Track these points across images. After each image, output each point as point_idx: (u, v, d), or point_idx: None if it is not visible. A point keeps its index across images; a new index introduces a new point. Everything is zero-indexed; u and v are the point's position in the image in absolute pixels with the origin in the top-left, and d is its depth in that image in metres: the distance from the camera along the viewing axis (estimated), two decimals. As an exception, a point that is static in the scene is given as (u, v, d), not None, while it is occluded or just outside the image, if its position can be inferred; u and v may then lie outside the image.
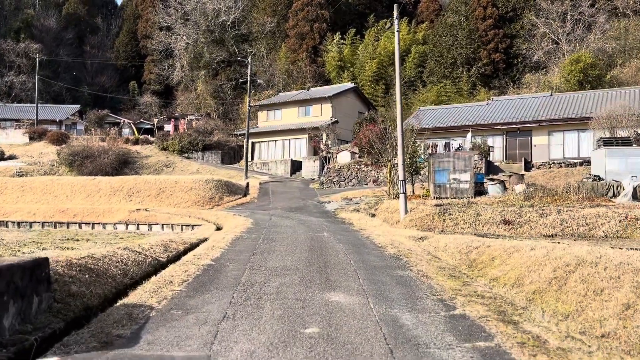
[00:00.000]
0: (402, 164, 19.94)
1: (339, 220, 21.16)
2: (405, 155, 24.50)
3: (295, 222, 19.58)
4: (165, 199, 29.02)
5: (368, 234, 15.99)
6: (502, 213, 19.06)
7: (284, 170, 44.93)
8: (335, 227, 18.13)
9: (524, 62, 53.60)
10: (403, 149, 20.10)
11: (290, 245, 12.78)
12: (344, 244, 13.34)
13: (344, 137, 44.37)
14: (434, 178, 23.91)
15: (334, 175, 36.17)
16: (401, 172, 19.95)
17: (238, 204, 28.70)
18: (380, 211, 22.49)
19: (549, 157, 35.78)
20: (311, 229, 17.00)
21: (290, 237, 14.65)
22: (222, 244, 12.74)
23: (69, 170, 47.87)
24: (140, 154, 49.20)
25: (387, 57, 57.62)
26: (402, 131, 20.25)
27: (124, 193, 29.93)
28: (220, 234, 15.14)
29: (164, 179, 30.49)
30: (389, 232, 16.63)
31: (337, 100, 47.12)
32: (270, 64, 62.39)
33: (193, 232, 16.27)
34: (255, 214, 23.27)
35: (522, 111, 38.54)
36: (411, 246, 13.63)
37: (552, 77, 49.18)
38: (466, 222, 18.90)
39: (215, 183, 30.00)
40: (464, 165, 23.87)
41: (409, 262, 10.79)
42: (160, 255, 10.78)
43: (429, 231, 18.48)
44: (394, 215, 20.86)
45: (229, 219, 20.87)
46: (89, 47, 75.33)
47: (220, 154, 51.24)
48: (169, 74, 68.55)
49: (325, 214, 23.76)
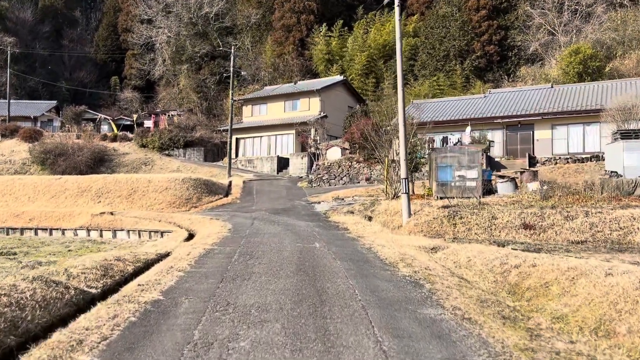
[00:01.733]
0: (405, 160, 16.97)
1: (332, 224, 18.14)
2: (406, 149, 21.56)
3: (280, 227, 16.52)
4: (137, 200, 25.80)
5: (369, 244, 12.99)
6: (522, 216, 16.16)
7: (270, 167, 41.83)
8: (329, 234, 15.10)
9: (518, 55, 50.93)
10: (405, 141, 17.14)
11: (273, 264, 9.73)
12: (342, 260, 10.33)
13: (334, 133, 41.36)
14: (437, 175, 20.98)
15: (323, 172, 33.16)
16: (403, 168, 16.99)
17: (218, 205, 25.57)
18: (378, 213, 19.51)
19: (552, 152, 33.08)
20: (300, 238, 13.96)
21: (274, 250, 11.59)
22: (184, 263, 9.65)
23: (41, 169, 44.40)
24: (117, 152, 45.80)
25: (377, 50, 54.67)
26: (405, 120, 17.29)
27: (92, 194, 26.65)
28: (187, 246, 12.05)
29: (137, 178, 27.27)
30: (394, 241, 13.64)
31: (325, 93, 44.08)
32: (255, 58, 59.19)
33: (155, 243, 13.19)
34: (236, 217, 20.17)
35: (523, 104, 35.78)
36: (426, 262, 10.65)
37: (549, 69, 46.55)
38: (480, 227, 15.98)
39: (193, 182, 26.82)
40: (469, 161, 20.97)
41: (434, 290, 7.79)
42: (91, 285, 7.68)
43: (438, 238, 15.54)
44: (395, 218, 17.89)
45: (204, 224, 17.76)
46: (67, 41, 71.38)
47: (203, 151, 47.97)
48: (150, 69, 65.03)
49: (316, 216, 20.73)
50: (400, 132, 17.22)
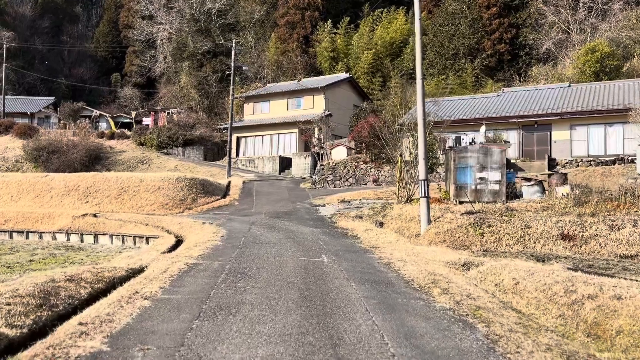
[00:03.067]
0: (424, 159, 14.66)
1: (340, 231, 15.83)
2: (425, 147, 19.30)
3: (281, 235, 14.22)
4: (127, 200, 23.53)
5: (387, 258, 10.69)
6: (558, 224, 13.85)
7: (272, 167, 39.55)
8: (338, 244, 12.81)
9: (530, 54, 48.57)
10: (425, 139, 14.83)
11: (270, 289, 7.44)
12: (357, 282, 8.05)
13: (338, 132, 39.05)
14: (456, 177, 18.68)
15: (328, 173, 30.87)
16: (422, 169, 14.68)
17: (214, 207, 23.29)
18: (390, 219, 17.21)
19: (571, 153, 30.72)
20: (304, 249, 11.67)
21: (273, 266, 9.29)
22: (155, 286, 7.37)
23: (34, 166, 42.24)
24: (113, 149, 43.58)
25: (383, 48, 52.36)
26: (424, 115, 14.99)
27: (79, 193, 24.41)
28: (167, 259, 9.76)
29: (128, 176, 24.99)
30: (415, 254, 11.34)
31: (330, 91, 41.79)
32: (258, 55, 56.90)
33: (131, 254, 10.92)
34: (232, 221, 17.90)
35: (539, 103, 33.46)
36: (465, 285, 8.35)
37: (563, 68, 44.22)
38: (512, 237, 13.66)
39: (188, 182, 24.53)
40: (492, 161, 18.68)
41: (493, 337, 5.48)
42: (14, 324, 5.40)
43: (464, 249, 13.24)
44: (411, 225, 15.59)
45: (195, 229, 15.49)
46: (67, 37, 69.18)
47: (203, 149, 45.69)
48: (151, 66, 62.81)
49: (321, 221, 18.44)
50: (420, 129, 14.93)
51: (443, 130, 24.41)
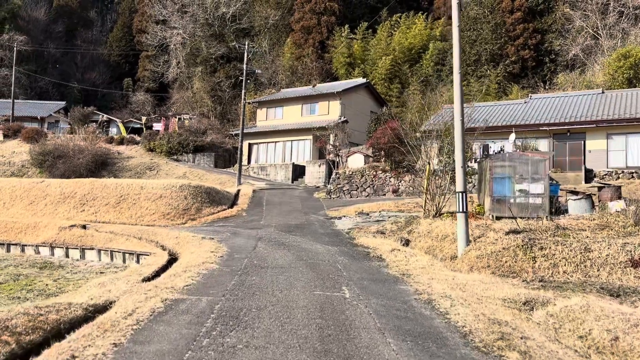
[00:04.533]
0: (462, 167, 12.23)
1: (360, 250, 13.42)
2: (464, 154, 16.90)
3: (292, 255, 11.85)
4: (126, 209, 21.34)
5: (425, 292, 8.27)
6: (626, 248, 11.33)
7: (284, 176, 37.28)
8: (360, 270, 10.41)
9: (555, 60, 45.92)
10: (463, 144, 12.41)
11: (272, 351, 5.07)
12: (395, 337, 5.65)
13: (355, 140, 36.67)
14: (492, 189, 16.20)
15: (343, 182, 28.49)
16: (460, 179, 12.26)
17: (220, 218, 21.00)
18: (418, 236, 14.76)
19: (607, 164, 28.07)
20: (319, 277, 9.28)
21: (278, 308, 6.92)
22: (107, 343, 5.03)
23: (40, 171, 40.41)
24: (121, 155, 41.60)
25: (402, 54, 49.99)
26: (462, 114, 12.59)
27: (75, 201, 22.28)
28: (142, 292, 7.42)
29: (128, 183, 22.80)
30: (460, 287, 8.88)
31: (346, 97, 39.49)
32: (272, 60, 54.82)
33: (102, 281, 8.59)
34: (237, 235, 15.57)
35: (570, 110, 30.90)
36: (544, 341, 5.90)
37: (592, 75, 41.54)
38: (570, 263, 11.15)
39: (193, 190, 22.28)
40: (533, 171, 16.20)
41: None
42: None
43: (513, 277, 10.77)
44: (444, 245, 13.14)
45: (192, 245, 13.17)
46: (80, 42, 67.75)
47: (214, 156, 43.58)
48: (164, 71, 61.04)
49: (337, 237, 16.04)
50: (457, 132, 12.51)
51: (475, 138, 21.91)
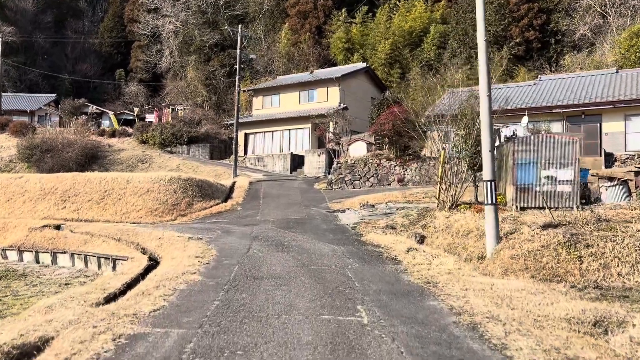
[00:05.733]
0: (490, 151, 10.28)
1: (371, 250, 11.49)
2: (491, 136, 15.02)
3: (292, 260, 9.93)
4: (110, 205, 19.42)
5: (464, 311, 6.35)
6: (689, 244, 9.42)
7: (283, 166, 35.31)
8: (375, 278, 8.47)
9: (562, 41, 43.82)
10: (491, 123, 10.45)
11: None
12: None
13: (355, 128, 34.65)
14: (515, 176, 14.28)
15: (345, 172, 26.54)
16: (488, 165, 10.30)
17: (213, 213, 19.08)
18: (435, 232, 12.84)
19: (626, 147, 26.17)
20: (327, 292, 7.34)
21: (273, 346, 4.99)
22: None
23: (27, 166, 38.42)
24: (112, 148, 39.58)
25: (402, 38, 47.81)
26: (489, 87, 10.64)
27: (56, 197, 20.36)
28: (92, 323, 5.50)
29: (113, 177, 20.86)
30: (507, 302, 6.95)
31: (346, 82, 37.43)
32: (268, 47, 52.62)
33: (51, 305, 6.67)
34: (229, 234, 13.64)
35: (584, 91, 28.92)
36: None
37: (601, 55, 39.51)
38: (625, 263, 9.23)
39: (183, 183, 20.33)
40: (561, 155, 14.26)
41: None
42: None
43: (558, 281, 8.86)
44: (468, 242, 11.22)
45: (176, 248, 11.25)
46: (70, 32, 65.35)
47: (209, 147, 41.55)
48: (156, 61, 58.84)
49: (343, 233, 14.12)
50: (483, 109, 10.55)
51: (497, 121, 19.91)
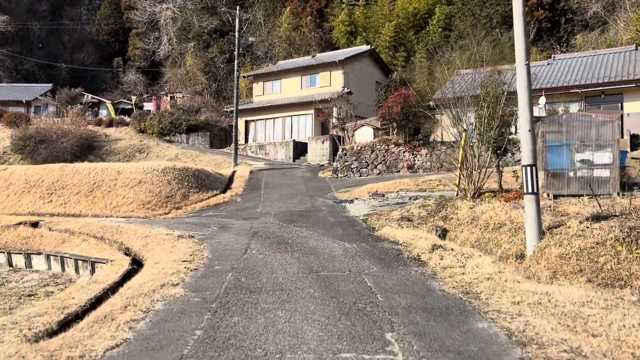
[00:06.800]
0: (530, 129, 8.57)
1: (388, 248, 9.82)
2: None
3: (296, 262, 8.28)
4: (100, 198, 17.84)
5: (529, 339, 4.71)
6: None
7: (285, 154, 33.62)
8: (400, 288, 6.80)
9: (572, 20, 41.79)
10: (529, 95, 8.73)
11: None
12: None
13: (360, 113, 32.91)
14: (546, 161, 12.57)
15: (351, 159, 24.84)
16: (528, 146, 8.60)
17: (210, 206, 17.47)
18: (458, 225, 11.18)
19: (649, 129, 24.39)
20: (343, 311, 5.68)
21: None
22: None
23: (21, 158, 36.84)
24: (109, 137, 37.94)
25: (406, 20, 45.78)
26: (527, 53, 8.90)
27: (42, 190, 18.79)
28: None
29: (103, 168, 19.25)
30: (579, 321, 5.32)
31: (349, 66, 35.58)
32: (268, 32, 50.64)
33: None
34: (226, 229, 12.02)
35: (602, 69, 27.12)
36: None
37: (615, 34, 37.57)
38: (699, 263, 7.59)
39: (178, 173, 18.71)
40: (597, 136, 12.54)
41: None
42: None
43: (621, 287, 7.21)
44: (502, 238, 9.54)
45: (162, 248, 9.62)
46: (67, 21, 63.44)
47: (209, 136, 39.86)
48: (155, 48, 56.91)
49: (353, 227, 12.47)
50: (520, 81, 8.81)
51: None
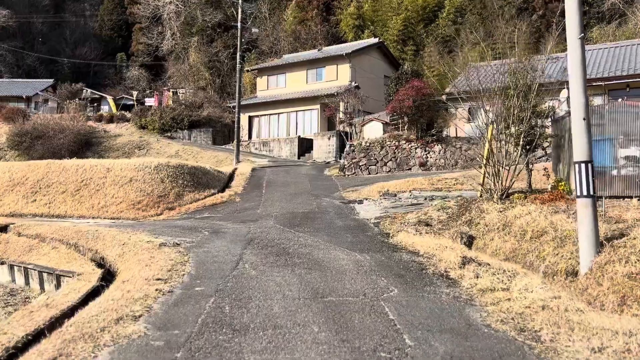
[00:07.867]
0: (584, 117, 6.87)
1: (407, 260, 8.15)
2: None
3: (298, 282, 6.64)
4: (87, 198, 16.30)
5: None
6: None
7: (290, 151, 31.98)
8: (433, 323, 5.14)
9: (588, 13, 39.88)
10: (584, 76, 7.04)
11: None
12: None
13: (368, 109, 31.20)
14: (585, 157, 10.85)
15: (359, 156, 23.17)
16: (583, 138, 6.91)
17: (206, 206, 15.88)
18: (487, 231, 9.49)
19: (678, 125, 22.51)
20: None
21: None
22: None
23: (18, 154, 35.41)
24: (108, 133, 36.45)
25: (415, 13, 44.01)
26: (581, 25, 7.23)
27: (26, 188, 17.28)
28: None
29: (91, 165, 17.70)
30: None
31: (357, 59, 33.86)
32: (273, 26, 49.02)
33: None
34: (218, 235, 10.40)
35: (627, 62, 25.32)
36: None
37: (634, 26, 35.74)
38: None
39: (173, 171, 17.12)
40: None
41: None
42: None
43: None
44: (545, 249, 7.84)
45: (139, 260, 7.98)
46: (69, 15, 62.11)
47: (212, 132, 38.32)
48: (158, 43, 55.41)
49: (364, 233, 10.81)
50: (574, 59, 7.11)
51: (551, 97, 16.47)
